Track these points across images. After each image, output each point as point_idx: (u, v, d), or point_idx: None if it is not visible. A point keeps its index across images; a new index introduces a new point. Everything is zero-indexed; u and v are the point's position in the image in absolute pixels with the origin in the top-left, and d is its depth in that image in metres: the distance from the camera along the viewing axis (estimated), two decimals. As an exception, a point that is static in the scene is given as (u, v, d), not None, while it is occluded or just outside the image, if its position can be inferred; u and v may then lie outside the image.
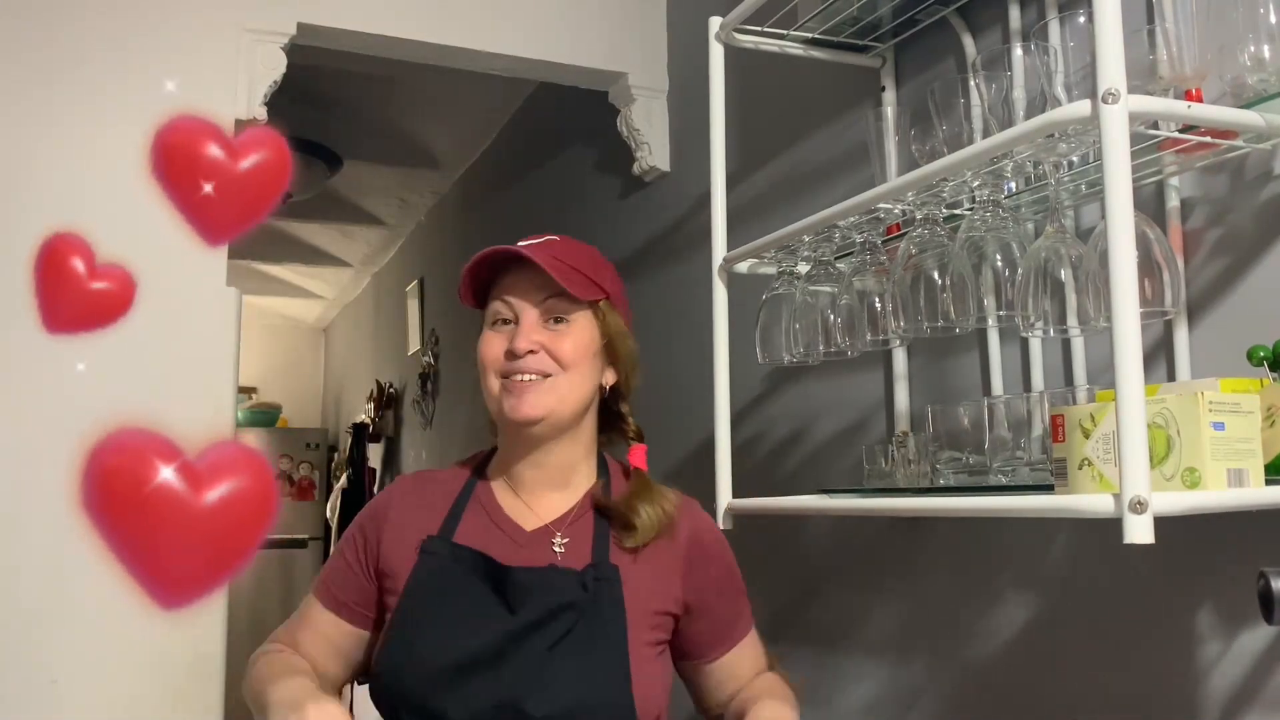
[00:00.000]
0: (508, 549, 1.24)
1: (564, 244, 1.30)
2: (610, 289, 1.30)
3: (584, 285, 1.26)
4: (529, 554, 1.24)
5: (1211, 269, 1.25)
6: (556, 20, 2.46)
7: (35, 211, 1.93)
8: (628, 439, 1.37)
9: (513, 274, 1.28)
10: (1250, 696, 1.18)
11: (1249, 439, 1.02)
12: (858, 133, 1.77)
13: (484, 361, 1.27)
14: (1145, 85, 1.14)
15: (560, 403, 1.25)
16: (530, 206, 3.66)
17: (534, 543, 1.25)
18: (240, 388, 2.07)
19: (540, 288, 1.26)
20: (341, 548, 1.33)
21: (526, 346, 1.24)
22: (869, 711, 1.79)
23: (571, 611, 1.19)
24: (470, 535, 1.26)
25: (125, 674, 1.92)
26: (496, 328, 1.28)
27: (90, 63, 2.01)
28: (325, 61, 2.60)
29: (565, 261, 1.25)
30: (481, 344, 1.29)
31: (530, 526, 1.27)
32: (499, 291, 1.29)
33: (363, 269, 6.17)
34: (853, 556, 1.87)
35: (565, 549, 1.25)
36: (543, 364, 1.24)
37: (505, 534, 1.26)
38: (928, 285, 1.33)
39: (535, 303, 1.26)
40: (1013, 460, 1.34)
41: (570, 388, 1.25)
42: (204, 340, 2.02)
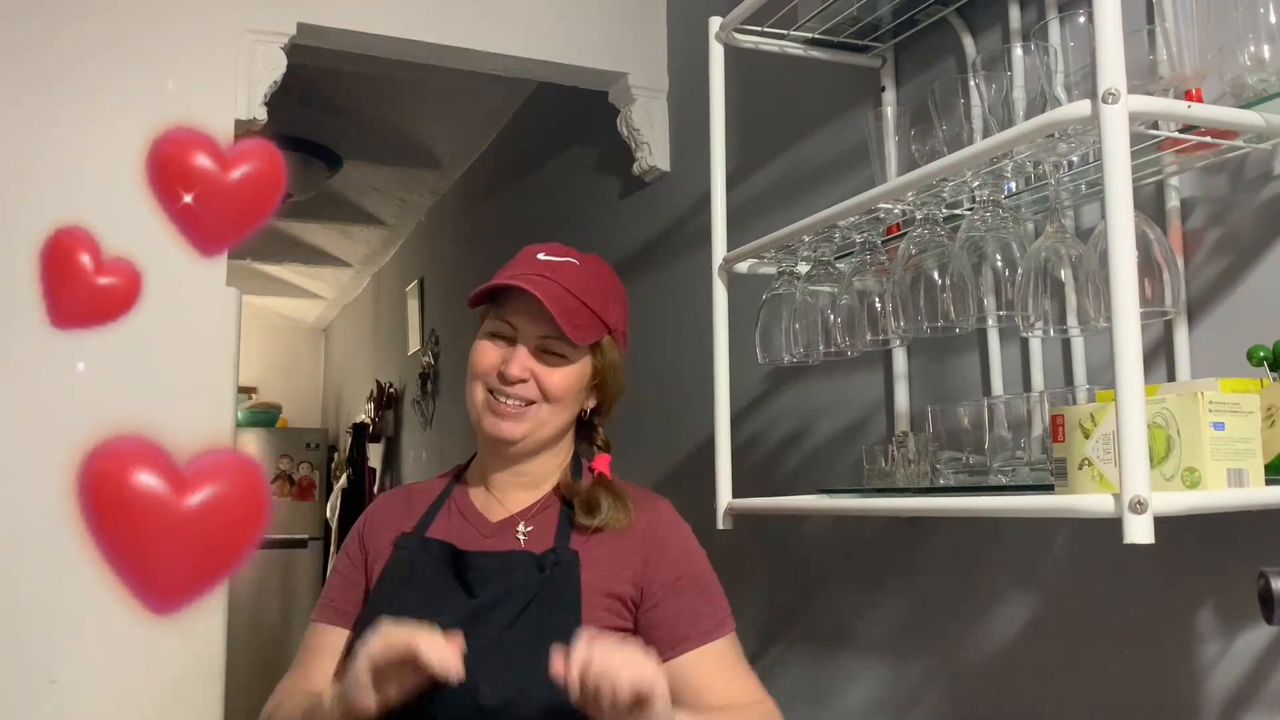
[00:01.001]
0: (473, 538, 1.28)
1: (582, 269, 1.29)
2: (614, 323, 1.31)
3: (587, 327, 1.27)
4: (494, 542, 1.27)
5: (1211, 269, 1.25)
6: (556, 20, 2.46)
7: (36, 211, 1.92)
8: (594, 447, 1.38)
9: (522, 297, 1.26)
10: (1250, 696, 1.18)
11: (1249, 439, 1.02)
12: (858, 133, 1.77)
13: (475, 369, 1.29)
14: (1145, 85, 1.14)
15: (540, 427, 1.28)
16: (530, 206, 3.66)
17: (499, 532, 1.29)
18: (240, 388, 2.07)
19: (544, 321, 1.25)
20: (336, 565, 1.36)
21: (518, 375, 1.25)
22: (869, 711, 1.79)
23: (523, 592, 1.20)
24: (440, 530, 1.30)
25: (125, 674, 1.92)
26: (494, 340, 1.29)
27: (90, 63, 2.01)
28: (325, 61, 2.60)
29: (577, 296, 1.26)
30: (475, 351, 1.30)
31: (496, 518, 1.30)
32: (504, 308, 1.29)
33: (363, 269, 6.17)
34: (853, 556, 1.87)
35: (529, 536, 1.28)
36: (529, 392, 1.27)
37: (471, 525, 1.30)
38: (928, 285, 1.33)
39: (535, 334, 1.27)
40: (1013, 460, 1.34)
41: (551, 415, 1.28)
42: (204, 340, 2.02)
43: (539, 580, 1.22)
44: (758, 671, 1.29)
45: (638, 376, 2.07)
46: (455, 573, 1.24)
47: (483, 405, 1.28)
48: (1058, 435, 1.10)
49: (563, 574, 1.23)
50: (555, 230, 3.26)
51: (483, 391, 1.28)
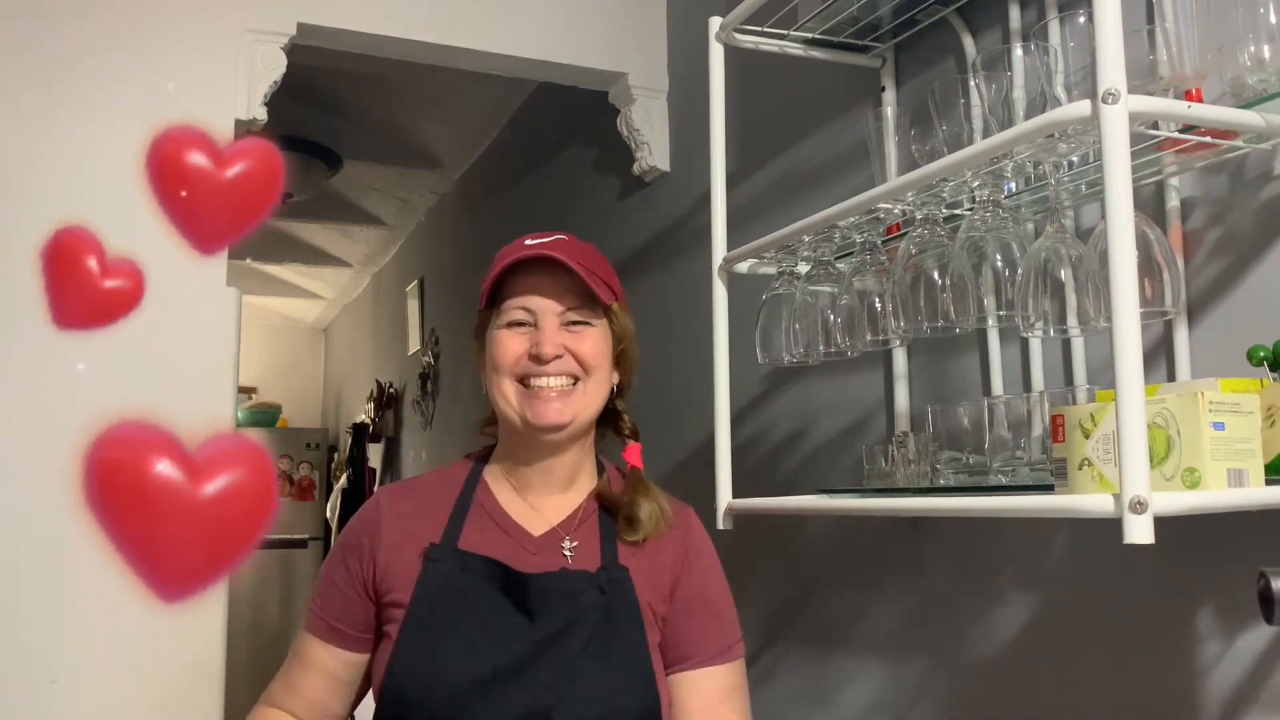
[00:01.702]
0: (518, 555, 1.22)
1: (576, 243, 1.27)
2: (619, 291, 1.29)
3: (604, 289, 1.24)
4: (541, 559, 1.22)
5: (1211, 269, 1.25)
6: (556, 20, 2.46)
7: (36, 211, 1.92)
8: (623, 436, 1.35)
9: (533, 275, 1.23)
10: (1250, 697, 1.18)
11: (1249, 439, 1.02)
12: (858, 133, 1.77)
13: (500, 364, 1.22)
14: (1145, 85, 1.14)
15: (584, 409, 1.23)
16: (530, 206, 3.66)
17: (544, 548, 1.23)
18: (240, 388, 2.07)
19: (565, 290, 1.22)
20: (329, 574, 1.26)
21: (554, 351, 1.20)
22: (869, 711, 1.79)
23: (592, 616, 1.17)
24: (477, 541, 1.23)
25: (125, 674, 1.92)
26: (512, 329, 1.23)
27: (90, 63, 2.01)
28: (325, 61, 2.60)
29: (585, 264, 1.23)
30: (496, 345, 1.24)
31: (538, 531, 1.25)
32: (518, 291, 1.24)
33: (363, 269, 6.17)
34: (853, 556, 1.87)
35: (574, 553, 1.23)
36: (568, 367, 1.22)
37: (514, 539, 1.24)
38: (928, 285, 1.33)
39: (555, 309, 1.23)
40: (1013, 460, 1.34)
41: (594, 393, 1.24)
42: (204, 340, 2.02)
43: (602, 602, 1.19)
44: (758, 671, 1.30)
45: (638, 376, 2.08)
46: (512, 596, 1.18)
47: (520, 399, 1.22)
48: (1058, 435, 1.10)
49: (619, 591, 1.21)
50: (555, 230, 3.26)
51: (514, 385, 1.22)
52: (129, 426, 0.66)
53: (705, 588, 1.27)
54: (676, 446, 2.41)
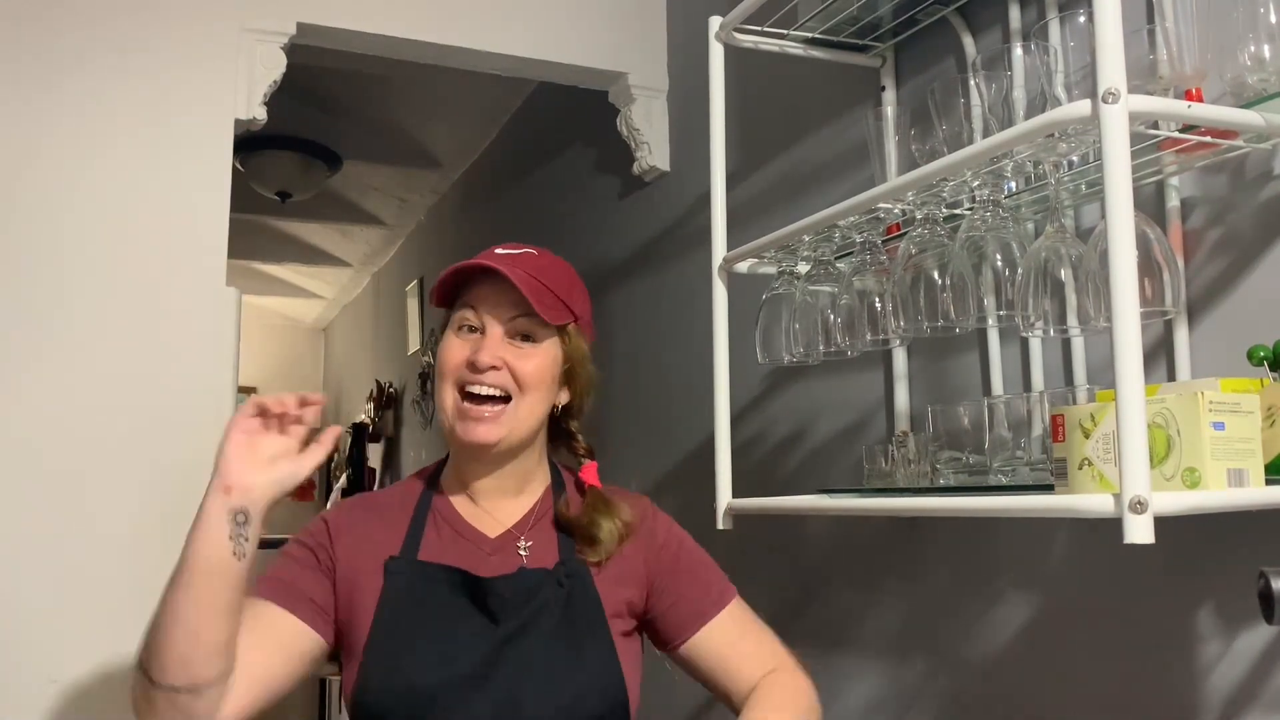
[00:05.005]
0: (476, 559, 1.24)
1: (541, 259, 1.28)
2: (579, 311, 1.29)
3: (554, 308, 1.24)
4: (498, 561, 1.24)
5: (1211, 269, 1.25)
6: (556, 20, 2.46)
7: (36, 212, 1.93)
8: (578, 457, 1.36)
9: (486, 284, 1.24)
10: (1250, 696, 1.18)
11: (1249, 439, 1.02)
12: (858, 133, 1.77)
13: (444, 368, 1.25)
14: (1145, 85, 1.13)
15: (513, 431, 1.24)
16: (530, 206, 3.66)
17: (500, 549, 1.26)
18: (240, 388, 2.07)
19: (511, 304, 1.23)
20: (289, 551, 1.24)
21: (490, 361, 1.21)
22: (869, 711, 1.79)
23: (550, 611, 1.20)
24: (436, 550, 1.25)
25: (125, 674, 1.91)
26: (461, 334, 1.26)
27: (90, 63, 2.01)
28: (325, 61, 2.60)
29: (540, 280, 1.23)
30: (443, 349, 1.26)
31: (494, 534, 1.27)
32: (469, 299, 1.26)
33: (363, 269, 6.17)
34: (853, 556, 1.87)
35: (530, 551, 1.26)
36: (503, 380, 1.23)
37: (471, 543, 1.26)
38: (928, 285, 1.33)
39: (503, 318, 1.24)
40: (1013, 460, 1.34)
41: (526, 413, 1.25)
42: (204, 340, 2.02)
43: (561, 596, 1.21)
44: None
45: (638, 376, 2.08)
46: (472, 599, 1.20)
47: (454, 412, 1.23)
48: (1058, 435, 1.10)
49: (579, 585, 1.23)
50: (555, 230, 3.27)
51: (453, 394, 1.23)
52: None
53: (680, 550, 1.32)
54: (676, 446, 2.41)
